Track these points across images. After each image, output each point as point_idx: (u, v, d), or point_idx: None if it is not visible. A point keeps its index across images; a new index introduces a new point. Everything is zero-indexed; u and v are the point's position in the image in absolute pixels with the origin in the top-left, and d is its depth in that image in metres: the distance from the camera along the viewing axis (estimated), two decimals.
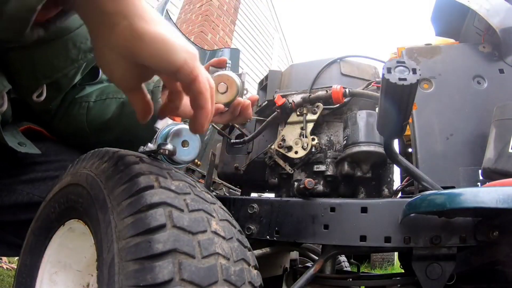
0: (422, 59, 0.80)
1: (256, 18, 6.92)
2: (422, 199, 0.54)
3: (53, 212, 0.65)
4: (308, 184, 0.69)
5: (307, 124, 0.85)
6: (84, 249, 0.64)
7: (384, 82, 0.51)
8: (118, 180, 0.50)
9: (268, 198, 0.77)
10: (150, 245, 0.41)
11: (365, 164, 0.76)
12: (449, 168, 0.69)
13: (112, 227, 0.45)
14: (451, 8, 0.93)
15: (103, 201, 0.49)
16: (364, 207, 0.65)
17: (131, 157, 0.53)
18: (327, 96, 0.84)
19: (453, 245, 0.58)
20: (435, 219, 0.58)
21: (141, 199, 0.45)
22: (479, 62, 0.78)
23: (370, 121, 0.75)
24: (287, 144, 0.84)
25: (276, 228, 0.72)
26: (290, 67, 1.02)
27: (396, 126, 0.56)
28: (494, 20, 0.77)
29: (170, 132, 0.63)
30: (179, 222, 0.44)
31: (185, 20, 5.19)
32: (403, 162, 0.63)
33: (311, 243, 0.95)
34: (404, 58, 0.60)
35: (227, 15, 5.40)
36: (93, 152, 0.62)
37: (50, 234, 0.65)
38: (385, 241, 0.61)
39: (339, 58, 0.94)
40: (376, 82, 0.88)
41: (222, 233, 0.49)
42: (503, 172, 0.59)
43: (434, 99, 0.75)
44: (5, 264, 2.38)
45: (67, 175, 0.64)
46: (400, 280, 0.71)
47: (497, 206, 0.46)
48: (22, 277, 0.66)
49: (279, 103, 0.87)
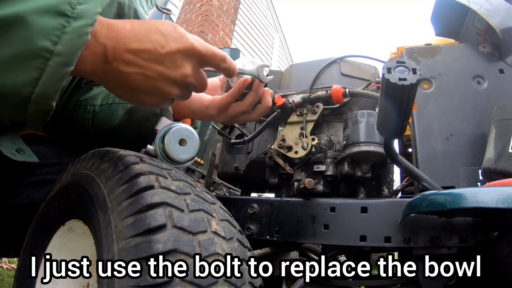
0: (422, 59, 0.80)
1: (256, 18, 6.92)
2: (422, 199, 0.54)
3: (53, 212, 0.65)
4: (308, 184, 0.69)
5: (307, 124, 0.85)
6: (84, 249, 0.64)
7: (384, 82, 0.51)
8: (118, 180, 0.50)
9: (268, 198, 0.77)
10: (150, 245, 0.41)
11: (365, 164, 0.76)
12: (449, 168, 0.69)
13: (112, 227, 0.45)
14: (451, 8, 0.93)
15: (103, 201, 0.49)
16: (364, 207, 0.65)
17: (131, 157, 0.53)
18: (327, 96, 0.84)
19: (453, 245, 0.58)
20: (435, 219, 0.58)
21: (141, 199, 0.45)
22: (479, 62, 0.78)
23: (370, 121, 0.75)
24: (287, 144, 0.84)
25: (276, 228, 0.72)
26: (290, 67, 1.02)
27: (396, 126, 0.56)
28: (494, 20, 0.77)
29: (167, 132, 0.63)
30: (179, 222, 0.44)
31: (185, 20, 5.19)
32: (403, 162, 0.63)
33: (311, 243, 0.95)
34: (404, 58, 0.60)
35: (227, 15, 5.40)
36: (93, 152, 0.62)
37: (50, 234, 0.65)
38: (385, 241, 0.61)
39: (339, 58, 0.94)
40: (376, 82, 0.88)
41: (222, 233, 0.49)
42: (503, 172, 0.59)
43: (434, 99, 0.75)
44: (5, 264, 2.38)
45: (67, 175, 0.64)
46: (400, 280, 0.71)
47: (497, 206, 0.46)
48: (22, 277, 0.66)
49: (279, 103, 0.87)
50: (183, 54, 0.52)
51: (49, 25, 0.40)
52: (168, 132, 0.63)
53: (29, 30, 0.39)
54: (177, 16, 5.22)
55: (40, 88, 0.41)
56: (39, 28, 0.40)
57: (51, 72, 0.41)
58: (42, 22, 0.40)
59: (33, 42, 0.39)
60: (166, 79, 0.51)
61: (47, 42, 0.40)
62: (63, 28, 0.41)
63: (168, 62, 0.51)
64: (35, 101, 0.42)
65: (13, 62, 0.39)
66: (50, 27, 0.40)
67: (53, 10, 0.40)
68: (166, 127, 0.64)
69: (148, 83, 0.51)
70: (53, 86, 0.43)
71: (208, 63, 0.56)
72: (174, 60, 0.51)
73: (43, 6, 0.40)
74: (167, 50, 0.50)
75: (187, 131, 0.65)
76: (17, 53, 0.39)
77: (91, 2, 0.44)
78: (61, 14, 0.41)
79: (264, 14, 7.28)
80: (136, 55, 0.48)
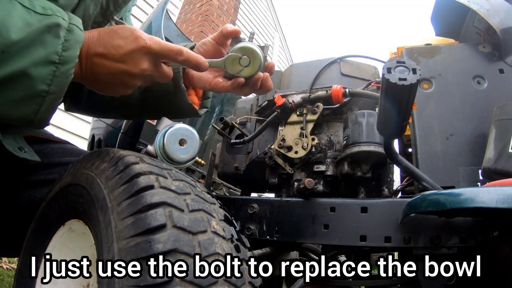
0: (422, 59, 0.79)
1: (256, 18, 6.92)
2: (422, 199, 0.54)
3: (53, 212, 0.65)
4: (308, 184, 0.69)
5: (307, 124, 0.85)
6: (84, 249, 0.64)
7: (384, 82, 0.51)
8: (118, 180, 0.50)
9: (268, 198, 0.77)
10: (150, 245, 0.41)
11: (365, 164, 0.76)
12: (449, 168, 0.69)
13: (112, 227, 0.45)
14: (451, 8, 0.93)
15: (103, 201, 0.49)
16: (364, 207, 0.65)
17: (131, 157, 0.53)
18: (327, 96, 0.84)
19: (453, 245, 0.58)
20: (435, 219, 0.58)
21: (141, 199, 0.45)
22: (479, 62, 0.78)
23: (370, 121, 0.75)
24: (287, 144, 0.84)
25: (276, 228, 0.72)
26: (290, 67, 1.02)
27: (396, 126, 0.56)
28: (494, 20, 0.77)
29: (167, 132, 0.63)
30: (179, 222, 0.44)
31: (185, 20, 5.19)
32: (403, 162, 0.63)
33: (311, 243, 0.95)
34: (404, 58, 0.60)
35: (227, 15, 5.40)
36: (93, 152, 0.62)
37: (50, 234, 0.65)
38: (385, 241, 0.61)
39: (339, 58, 0.94)
40: (376, 82, 0.88)
41: (222, 233, 0.49)
42: (503, 172, 0.59)
43: (434, 99, 0.75)
44: (5, 264, 2.38)
45: (68, 175, 0.64)
46: (400, 280, 0.71)
47: (497, 206, 0.46)
48: (22, 277, 0.66)
49: (279, 103, 0.87)
50: (140, 52, 0.61)
51: (44, 73, 0.53)
52: (168, 132, 0.63)
53: (31, 79, 0.52)
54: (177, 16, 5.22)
55: (39, 115, 0.56)
56: (37, 77, 0.53)
57: (47, 105, 0.55)
58: (39, 72, 0.53)
59: (35, 87, 0.53)
60: (128, 74, 0.62)
61: (44, 86, 0.54)
62: (54, 73, 0.54)
63: (128, 61, 0.61)
64: (36, 122, 0.57)
65: (21, 101, 0.54)
66: (45, 74, 0.53)
67: (45, 61, 0.53)
68: (167, 127, 0.65)
69: (116, 78, 0.62)
70: (49, 113, 0.57)
71: (165, 57, 0.64)
72: (133, 58, 0.61)
73: (38, 59, 0.53)
74: (125, 51, 0.60)
75: (187, 131, 0.65)
76: (23, 95, 0.53)
77: (72, 49, 0.55)
78: (51, 63, 0.53)
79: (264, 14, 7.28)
80: (102, 57, 0.60)
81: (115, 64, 0.61)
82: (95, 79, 0.63)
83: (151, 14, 1.57)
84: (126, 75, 0.62)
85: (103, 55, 0.60)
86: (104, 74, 0.61)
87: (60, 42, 0.54)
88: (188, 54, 0.65)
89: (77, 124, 3.47)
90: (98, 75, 0.61)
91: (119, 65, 0.61)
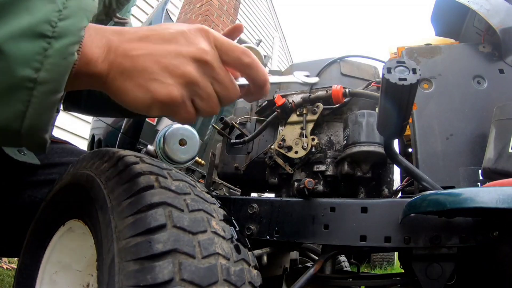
0: (422, 59, 0.80)
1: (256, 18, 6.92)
2: (422, 199, 0.54)
3: (53, 212, 0.65)
4: (308, 184, 0.69)
5: (307, 124, 0.85)
6: (84, 249, 0.64)
7: (384, 82, 0.51)
8: (118, 180, 0.50)
9: (268, 198, 0.77)
10: (150, 245, 0.41)
11: (365, 164, 0.76)
12: (449, 168, 0.69)
13: (112, 227, 0.45)
14: (451, 8, 0.93)
15: (103, 201, 0.49)
16: (364, 207, 0.65)
17: (131, 157, 0.53)
18: (327, 96, 0.84)
19: (453, 245, 0.58)
20: (435, 219, 0.58)
21: (141, 199, 0.45)
22: (479, 62, 0.78)
23: (370, 121, 0.75)
24: (287, 144, 0.84)
25: (276, 228, 0.72)
26: (290, 67, 1.02)
27: (396, 126, 0.56)
28: (494, 20, 0.77)
29: (167, 132, 0.63)
30: (179, 222, 0.44)
31: (185, 20, 5.19)
32: (403, 162, 0.63)
33: (311, 243, 0.95)
34: (404, 58, 0.60)
35: (227, 15, 5.40)
36: (93, 152, 0.62)
37: (50, 234, 0.65)
38: (385, 241, 0.61)
39: (339, 58, 0.94)
40: (376, 82, 0.88)
41: (222, 233, 0.49)
42: (503, 172, 0.59)
43: (434, 99, 0.75)
44: (5, 264, 2.38)
45: (68, 175, 0.64)
46: (400, 280, 0.71)
47: (497, 206, 0.46)
48: (22, 277, 0.66)
49: (279, 103, 0.87)
50: (197, 31, 0.45)
51: (28, 50, 0.35)
52: (168, 132, 0.63)
53: (5, 59, 0.34)
54: (177, 16, 5.22)
55: (28, 122, 0.36)
56: (17, 56, 0.34)
57: (37, 103, 0.36)
58: (20, 49, 0.34)
59: (13, 72, 0.34)
60: (178, 55, 0.44)
61: (28, 71, 0.35)
62: (44, 52, 0.35)
63: (180, 39, 0.44)
64: (25, 135, 0.37)
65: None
66: (30, 53, 0.35)
67: (30, 33, 0.35)
68: (167, 127, 0.65)
69: (158, 63, 0.43)
70: (43, 118, 0.37)
71: (227, 53, 0.47)
72: (187, 37, 0.45)
73: (18, 30, 0.34)
74: (176, 29, 0.45)
75: (187, 131, 0.65)
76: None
77: (74, 17, 0.38)
78: (41, 36, 0.35)
79: (264, 14, 7.28)
80: (142, 41, 0.43)
81: (161, 45, 0.43)
82: (125, 70, 0.42)
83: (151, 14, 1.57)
84: (175, 57, 0.43)
85: (144, 38, 0.43)
86: (142, 56, 0.42)
87: (56, 9, 0.37)
88: (254, 58, 0.49)
89: (77, 124, 3.47)
90: (134, 60, 0.42)
91: (166, 46, 0.43)
